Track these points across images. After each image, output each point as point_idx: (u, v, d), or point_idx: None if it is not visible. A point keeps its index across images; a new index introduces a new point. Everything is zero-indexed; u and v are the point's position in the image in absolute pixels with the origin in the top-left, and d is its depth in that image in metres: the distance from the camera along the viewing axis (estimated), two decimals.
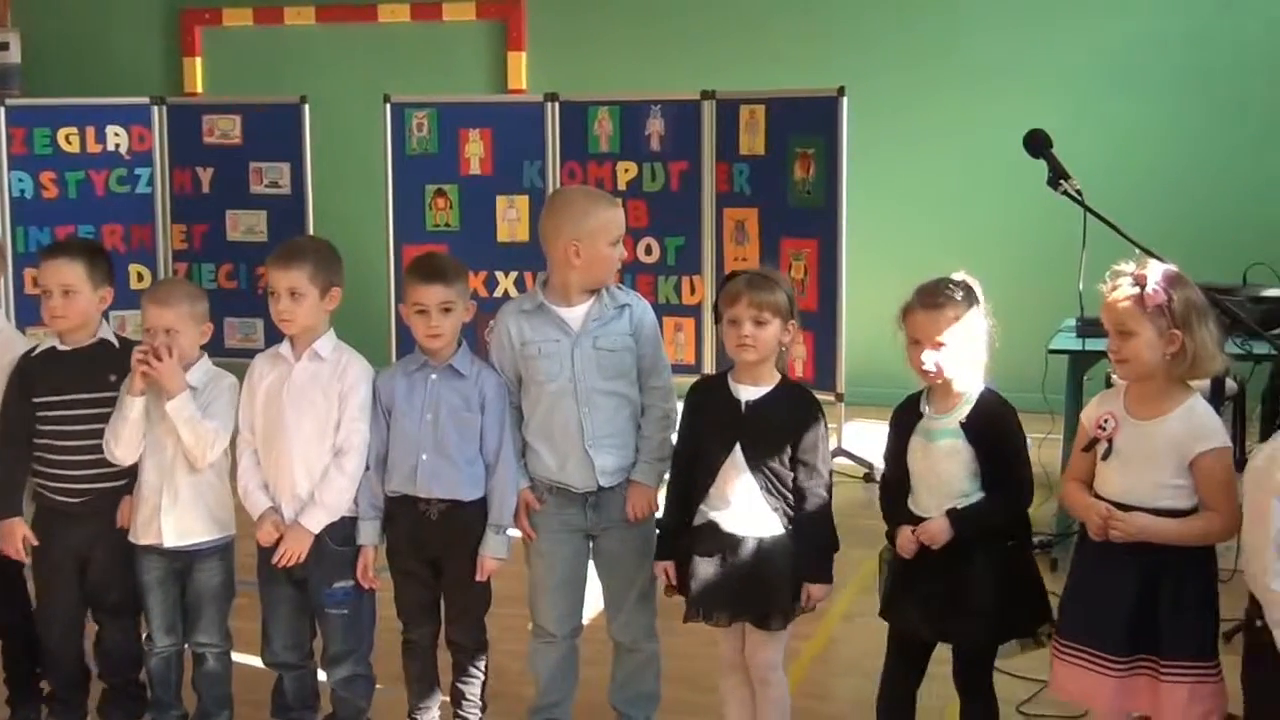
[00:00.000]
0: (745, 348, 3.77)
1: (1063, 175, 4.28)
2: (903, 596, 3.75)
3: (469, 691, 4.15)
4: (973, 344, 3.63)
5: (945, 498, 3.64)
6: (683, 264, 7.87)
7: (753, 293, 3.76)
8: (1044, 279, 6.86)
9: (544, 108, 7.95)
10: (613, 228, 4.03)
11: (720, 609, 3.83)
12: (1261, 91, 8.53)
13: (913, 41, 9.07)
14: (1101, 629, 3.44)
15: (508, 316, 4.11)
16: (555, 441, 4.00)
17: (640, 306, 4.08)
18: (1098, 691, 3.47)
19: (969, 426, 3.62)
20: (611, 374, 3.98)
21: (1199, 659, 3.37)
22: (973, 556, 3.61)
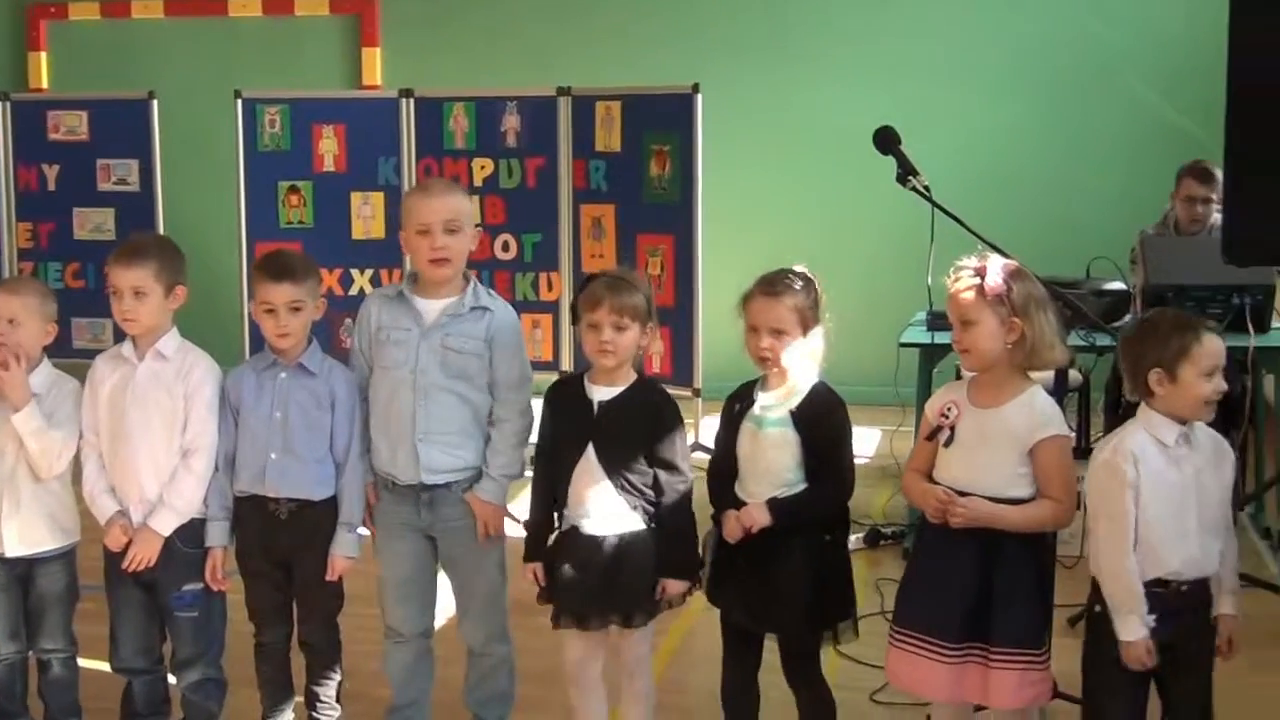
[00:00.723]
0: (605, 353, 3.77)
1: (911, 171, 4.35)
2: (723, 582, 3.79)
3: (323, 693, 4.11)
4: (809, 334, 3.68)
5: (770, 486, 3.68)
6: (540, 260, 7.87)
7: (614, 297, 3.75)
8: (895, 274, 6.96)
9: (399, 104, 7.90)
10: (413, 216, 3.97)
11: (590, 612, 3.82)
12: (1105, 91, 8.74)
13: (766, 38, 9.15)
14: (937, 617, 3.50)
15: (372, 300, 4.09)
16: (389, 431, 3.96)
17: (502, 315, 4.02)
18: (930, 679, 3.53)
19: (798, 417, 3.67)
20: (454, 373, 3.93)
21: (1028, 647, 3.44)
22: (790, 548, 3.65)
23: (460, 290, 3.99)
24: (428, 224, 3.91)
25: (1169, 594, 3.35)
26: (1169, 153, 7.59)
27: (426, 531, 4.02)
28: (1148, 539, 3.33)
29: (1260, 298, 5.75)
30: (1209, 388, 3.32)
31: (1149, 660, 3.32)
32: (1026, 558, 3.45)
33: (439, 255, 3.91)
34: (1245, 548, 5.80)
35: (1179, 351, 3.32)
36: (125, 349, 4.00)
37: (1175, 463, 3.35)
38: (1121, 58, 8.74)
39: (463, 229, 3.94)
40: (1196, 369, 3.32)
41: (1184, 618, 3.37)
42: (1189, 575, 3.35)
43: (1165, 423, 3.36)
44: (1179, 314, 3.58)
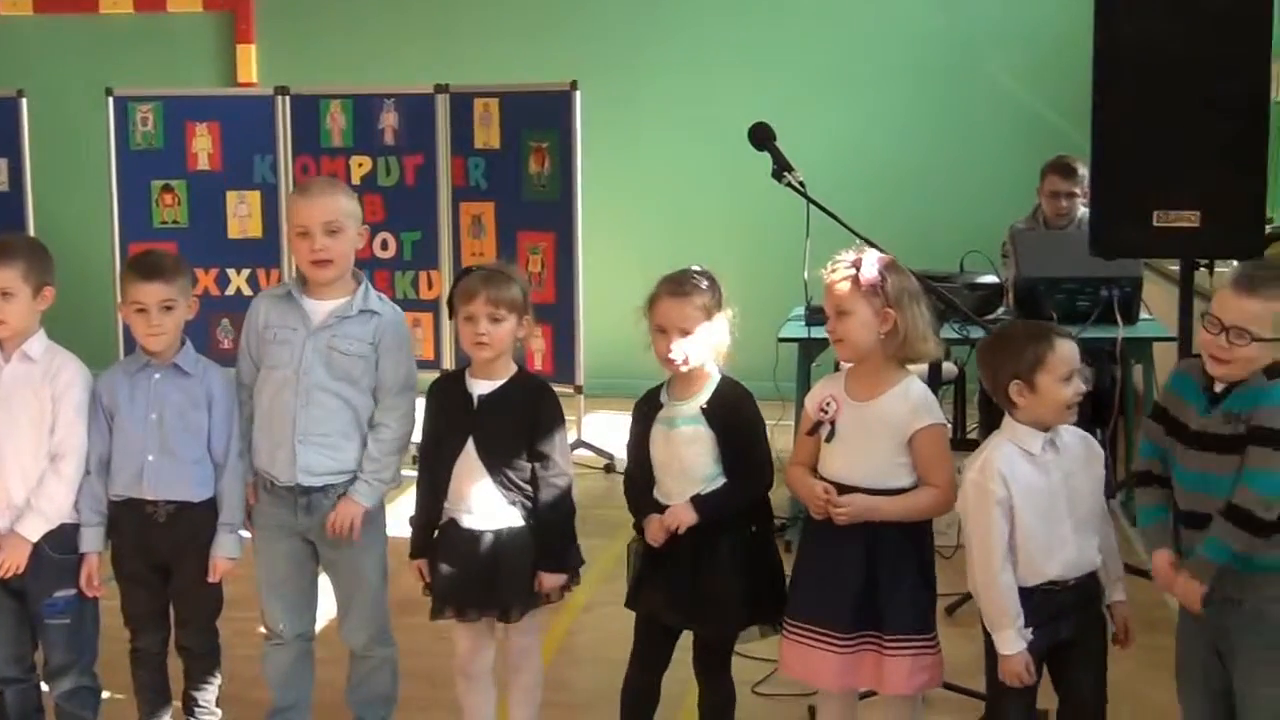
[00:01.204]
0: (481, 345, 3.76)
1: (786, 168, 4.39)
2: (651, 585, 3.79)
3: (202, 698, 4.06)
4: (716, 333, 3.71)
5: (690, 484, 3.69)
6: (419, 259, 7.82)
7: (489, 289, 3.75)
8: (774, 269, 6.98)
9: (274, 101, 7.81)
10: (293, 218, 3.95)
11: (469, 605, 3.82)
12: (974, 86, 8.88)
13: (644, 36, 9.18)
14: (827, 608, 3.53)
15: (260, 299, 4.06)
16: (270, 431, 3.93)
17: (390, 318, 3.99)
18: (823, 669, 3.56)
19: (709, 412, 3.69)
20: (338, 375, 3.90)
21: (919, 632, 3.49)
22: (718, 544, 3.68)
23: (350, 291, 3.96)
24: (307, 225, 3.88)
25: (1060, 593, 3.40)
26: (1039, 147, 7.72)
27: (304, 534, 3.98)
28: (1026, 549, 3.37)
29: (1128, 289, 5.88)
30: (1068, 392, 3.37)
31: (1027, 677, 3.36)
32: (910, 546, 3.50)
33: (319, 257, 3.87)
34: (1117, 535, 5.93)
35: (1035, 361, 3.36)
36: None
37: (1044, 470, 3.40)
38: (989, 53, 8.86)
39: (344, 229, 3.91)
40: (1053, 376, 3.35)
41: (1078, 614, 3.43)
42: (1071, 576, 3.41)
43: (1030, 432, 3.40)
44: (1030, 323, 3.66)
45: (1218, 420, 3.22)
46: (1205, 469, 3.24)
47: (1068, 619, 3.42)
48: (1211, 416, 3.23)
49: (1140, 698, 4.37)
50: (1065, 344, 3.39)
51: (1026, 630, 3.37)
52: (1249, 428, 3.15)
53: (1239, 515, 3.14)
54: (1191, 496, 3.29)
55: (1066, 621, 3.42)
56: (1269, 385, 3.16)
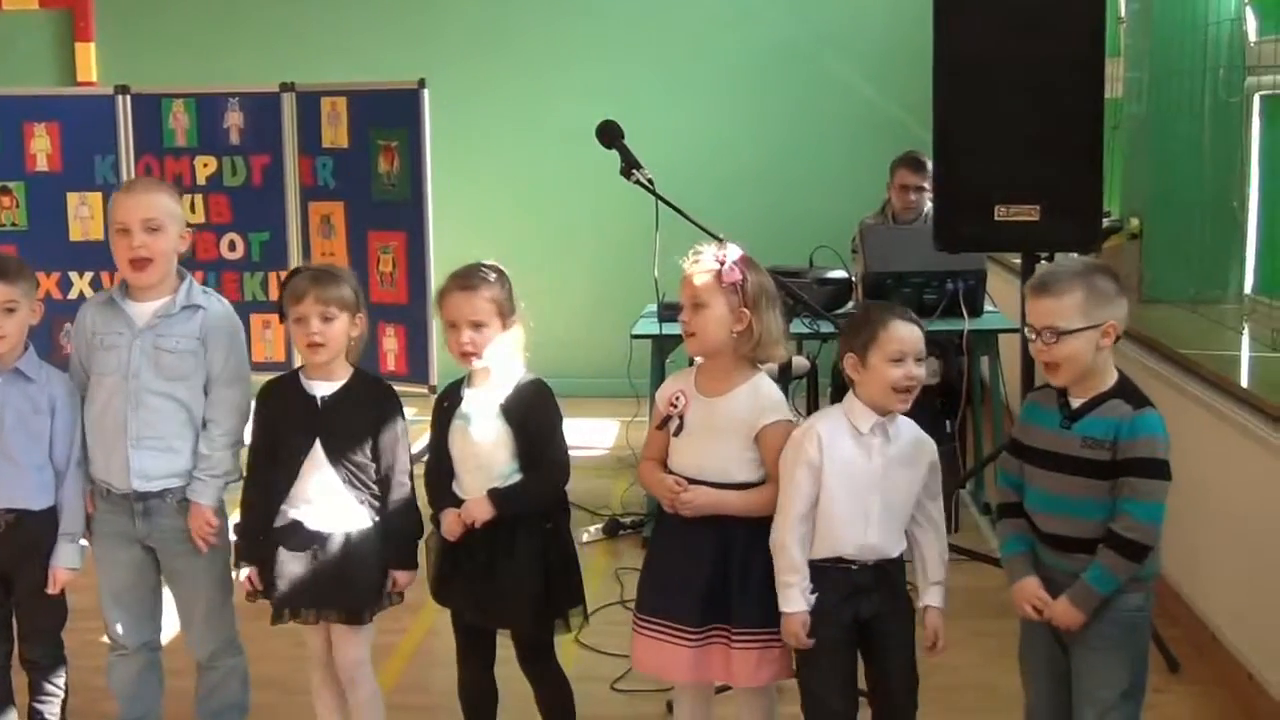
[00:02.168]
0: (316, 346, 3.74)
1: (634, 165, 4.42)
2: (452, 582, 3.79)
3: (47, 711, 3.97)
4: (507, 326, 3.72)
5: (487, 480, 3.70)
6: (268, 259, 7.71)
7: (318, 289, 3.72)
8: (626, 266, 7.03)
9: (115, 100, 7.65)
10: (113, 215, 3.88)
11: (307, 605, 3.78)
12: (824, 85, 9.00)
13: (492, 35, 9.19)
14: (677, 602, 3.55)
15: (86, 307, 3.99)
16: (103, 438, 3.86)
17: (216, 311, 3.93)
18: (674, 663, 3.57)
19: (507, 408, 3.70)
20: (170, 375, 3.84)
21: (765, 626, 3.50)
22: (514, 541, 3.68)
23: (172, 290, 3.90)
24: (126, 222, 3.82)
25: (857, 571, 3.45)
26: (886, 142, 7.88)
27: (144, 541, 3.91)
28: (827, 517, 3.44)
29: (973, 283, 6.00)
30: (896, 373, 3.41)
31: (803, 636, 3.42)
32: (759, 541, 3.51)
33: (137, 254, 3.81)
34: (966, 523, 6.06)
35: (869, 338, 3.43)
36: None
37: (865, 450, 3.46)
38: (836, 51, 9.01)
39: (165, 228, 3.84)
40: (883, 354, 3.42)
41: (873, 597, 3.46)
42: (862, 557, 3.45)
43: (864, 411, 3.46)
44: (879, 306, 3.68)
45: (1074, 442, 3.28)
46: (1061, 490, 3.30)
47: (867, 598, 3.46)
48: (1068, 435, 3.29)
49: (987, 686, 4.47)
50: (902, 326, 3.45)
51: (811, 593, 3.43)
52: (1122, 460, 3.21)
53: (1126, 546, 3.20)
54: (1048, 518, 3.34)
55: (867, 601, 3.46)
56: (1133, 415, 3.23)
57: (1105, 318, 3.25)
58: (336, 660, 3.87)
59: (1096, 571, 3.23)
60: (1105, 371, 3.30)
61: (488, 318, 3.69)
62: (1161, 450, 3.21)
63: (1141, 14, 6.17)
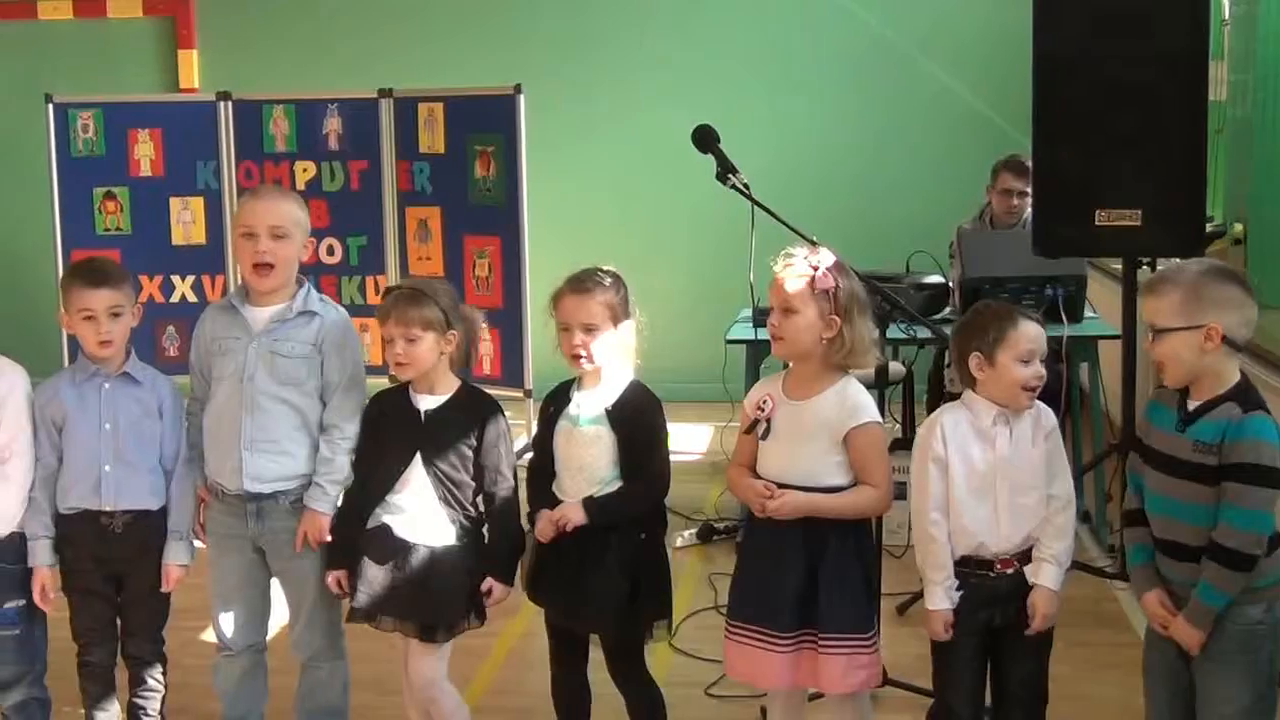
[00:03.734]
0: (401, 365, 3.77)
1: (730, 169, 4.40)
2: (543, 582, 3.81)
3: (149, 706, 4.03)
4: (621, 331, 3.72)
5: (586, 484, 3.71)
6: (366, 264, 7.80)
7: (399, 310, 3.75)
8: (721, 271, 7.03)
9: (217, 106, 7.76)
10: (239, 220, 3.95)
11: (386, 613, 3.79)
12: (922, 90, 8.94)
13: (587, 40, 9.19)
14: (769, 608, 3.54)
15: (206, 314, 4.05)
16: (219, 440, 3.91)
17: (331, 318, 3.97)
18: (767, 670, 3.56)
19: (613, 414, 3.70)
20: (285, 379, 3.88)
21: (854, 632, 3.49)
22: (604, 547, 3.68)
23: (290, 296, 3.95)
24: (252, 227, 3.87)
25: (996, 579, 3.45)
26: (983, 147, 7.81)
27: (255, 542, 3.96)
28: (957, 513, 3.45)
29: (1072, 288, 5.93)
30: (1026, 373, 3.44)
31: (944, 634, 3.45)
32: (849, 546, 3.51)
33: (261, 259, 3.86)
34: None
35: (996, 337, 3.45)
36: None
37: (989, 443, 3.46)
38: (933, 55, 8.93)
39: (290, 236, 3.89)
40: (1012, 354, 3.43)
41: (1009, 606, 3.46)
42: (1000, 550, 3.45)
43: (985, 406, 3.48)
44: (1002, 305, 3.69)
45: (1186, 445, 3.23)
46: (1174, 494, 3.26)
47: (1003, 607, 3.46)
48: (1181, 438, 3.24)
49: (1082, 696, 4.41)
50: (1029, 325, 3.47)
51: (955, 591, 3.44)
52: (1225, 464, 3.16)
53: (1227, 555, 3.14)
54: (1162, 523, 3.30)
55: (1003, 609, 3.46)
56: (1242, 417, 3.17)
57: (1206, 320, 3.18)
58: (410, 677, 3.87)
59: (1204, 585, 3.17)
60: (1222, 375, 3.23)
61: (600, 321, 3.69)
62: (1268, 456, 3.13)
63: (1246, 16, 6.07)
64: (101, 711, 4.04)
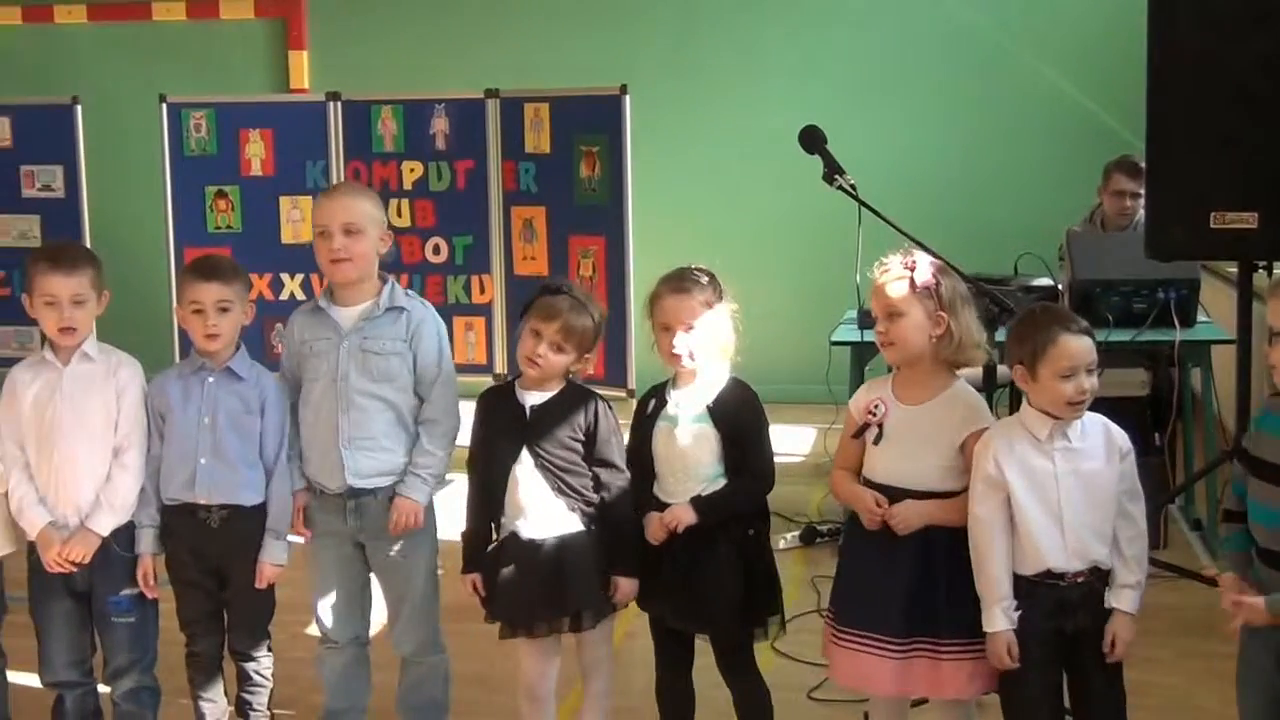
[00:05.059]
0: (532, 364, 3.77)
1: (837, 171, 4.37)
2: (651, 585, 3.78)
3: (256, 701, 4.08)
4: (719, 329, 3.70)
5: (691, 483, 3.69)
6: (471, 263, 7.83)
7: (565, 319, 3.75)
8: (826, 272, 6.99)
9: (326, 107, 7.84)
10: (315, 218, 3.99)
11: (537, 619, 3.79)
12: (1030, 86, 8.83)
13: (693, 39, 9.20)
14: (878, 613, 3.49)
15: (294, 317, 4.08)
16: (316, 440, 3.95)
17: (420, 314, 4.00)
18: (877, 675, 3.52)
19: (715, 411, 3.68)
20: (376, 377, 3.91)
21: (976, 637, 3.44)
22: (715, 545, 3.67)
23: (376, 293, 3.97)
24: (326, 225, 3.90)
25: (1066, 588, 3.36)
26: (1094, 148, 7.70)
27: (355, 538, 4.00)
28: (1023, 530, 3.35)
29: (1185, 292, 5.83)
30: (1069, 388, 3.30)
31: (1007, 658, 3.35)
32: (963, 549, 3.45)
33: (336, 255, 3.89)
34: (1175, 539, 5.89)
35: (1035, 351, 3.33)
36: (47, 354, 3.95)
37: (1047, 456, 3.36)
38: (1043, 54, 8.83)
39: (364, 231, 3.92)
40: (1052, 369, 3.31)
41: (1080, 614, 3.37)
42: (1071, 567, 3.35)
43: (1039, 418, 3.37)
44: (1049, 310, 3.54)
45: None
46: (1267, 501, 3.18)
47: (1074, 615, 3.37)
48: None
49: (1194, 708, 4.33)
50: (1072, 340, 3.33)
51: (1015, 610, 3.36)
52: None
53: None
54: (1267, 532, 3.21)
55: (1074, 617, 3.37)
56: None
57: None
58: (581, 661, 3.92)
59: None
60: None
61: (700, 320, 3.68)
62: None
63: None
64: (208, 703, 4.09)
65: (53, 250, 4.07)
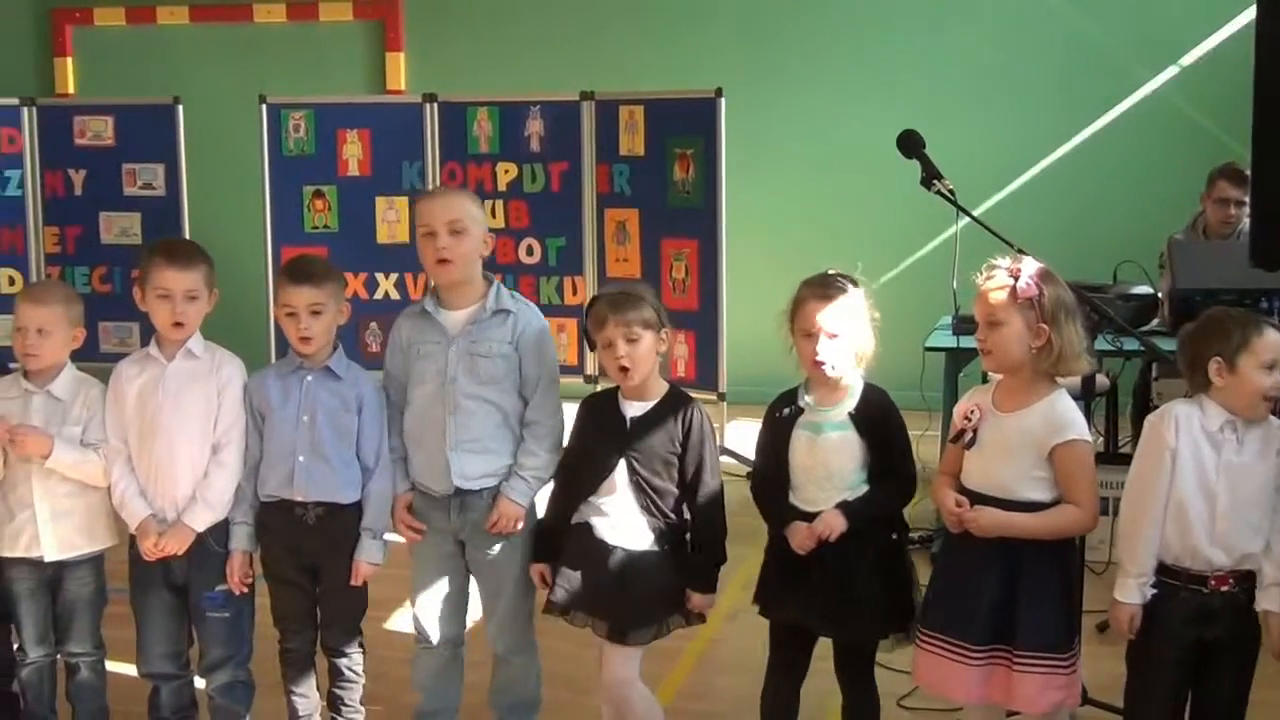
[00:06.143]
0: (624, 371, 3.76)
1: (935, 175, 4.33)
2: (787, 591, 3.76)
3: (346, 697, 4.10)
4: (860, 337, 3.68)
5: (835, 490, 3.66)
6: (564, 265, 7.87)
7: (618, 313, 3.75)
8: (920, 277, 6.96)
9: (423, 108, 7.91)
10: (419, 219, 4.00)
11: (580, 609, 3.81)
12: (1134, 91, 8.72)
13: (790, 42, 9.16)
14: (962, 619, 3.49)
15: (401, 320, 4.10)
16: (422, 443, 3.97)
17: (526, 316, 4.00)
18: (957, 681, 3.51)
19: (857, 418, 3.66)
20: (483, 379, 3.93)
21: (1052, 650, 3.42)
22: (860, 551, 3.64)
23: (482, 296, 3.99)
24: (431, 225, 3.92)
25: (1206, 595, 3.34)
26: (1196, 155, 7.57)
27: (457, 535, 4.02)
28: (1177, 508, 3.35)
29: None
30: (1268, 381, 3.34)
31: (1127, 629, 3.37)
32: (1049, 561, 3.43)
33: (442, 255, 3.91)
34: None
35: (1241, 343, 3.35)
36: (152, 350, 4.01)
37: (1215, 447, 3.36)
38: (1143, 59, 8.72)
39: (468, 231, 3.93)
40: (1256, 360, 3.34)
41: (1220, 623, 3.35)
42: (1214, 558, 3.34)
43: (1217, 410, 3.38)
44: (1241, 311, 3.59)
45: None
46: None
47: (1213, 623, 3.35)
48: None
49: None
50: (1273, 332, 3.38)
51: (1150, 588, 3.36)
52: None
53: None
54: None
55: (1211, 626, 3.36)
56: None
57: None
58: (603, 676, 3.88)
59: None
60: None
61: (843, 328, 3.64)
62: None
63: None
64: (301, 698, 4.13)
65: (169, 245, 4.13)
